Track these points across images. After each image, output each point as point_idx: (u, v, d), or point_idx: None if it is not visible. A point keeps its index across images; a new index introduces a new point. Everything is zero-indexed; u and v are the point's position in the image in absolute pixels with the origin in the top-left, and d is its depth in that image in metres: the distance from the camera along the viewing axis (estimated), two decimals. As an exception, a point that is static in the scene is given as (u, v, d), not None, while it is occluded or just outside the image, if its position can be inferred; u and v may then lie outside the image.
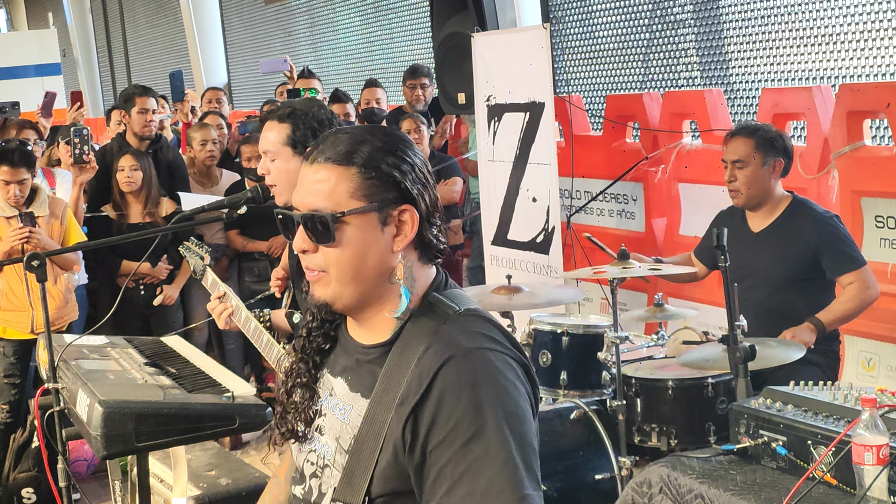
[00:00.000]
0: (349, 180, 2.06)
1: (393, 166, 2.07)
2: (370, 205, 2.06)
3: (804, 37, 6.50)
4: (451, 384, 1.98)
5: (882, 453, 2.80)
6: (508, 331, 2.13)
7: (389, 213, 2.08)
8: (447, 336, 2.04)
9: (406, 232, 2.09)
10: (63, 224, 6.20)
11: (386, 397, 2.06)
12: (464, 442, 1.95)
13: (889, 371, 5.39)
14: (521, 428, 1.98)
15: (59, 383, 3.57)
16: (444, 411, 1.97)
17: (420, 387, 2.00)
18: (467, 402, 1.96)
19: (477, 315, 2.11)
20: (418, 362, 2.03)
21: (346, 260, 2.08)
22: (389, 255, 2.09)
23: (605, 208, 7.28)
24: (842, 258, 4.74)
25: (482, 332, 2.06)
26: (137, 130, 7.24)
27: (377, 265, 2.09)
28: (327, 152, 2.08)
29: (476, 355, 2.00)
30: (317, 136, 3.67)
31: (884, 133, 5.74)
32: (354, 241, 2.07)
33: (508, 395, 1.99)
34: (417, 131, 7.64)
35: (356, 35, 12.79)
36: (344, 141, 2.09)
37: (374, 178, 2.06)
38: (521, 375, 2.05)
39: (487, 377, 1.99)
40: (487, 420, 1.95)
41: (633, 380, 4.56)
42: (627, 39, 7.95)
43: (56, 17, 21.79)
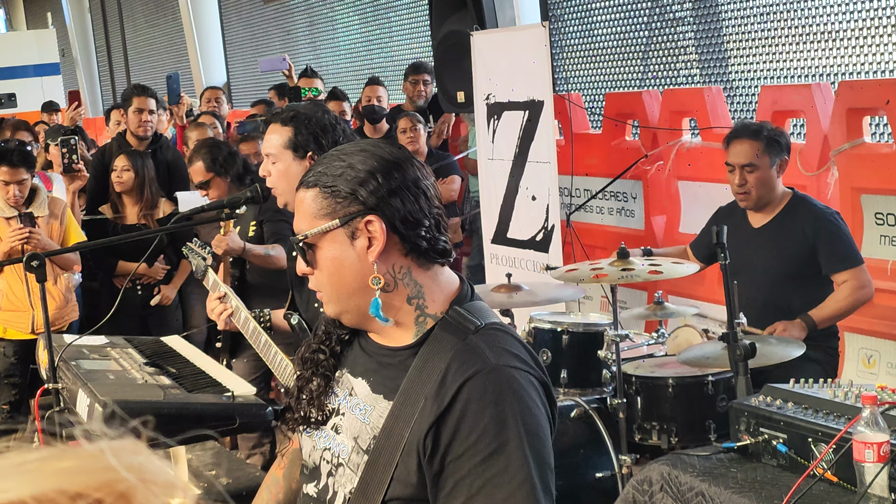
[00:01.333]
0: (313, 202, 2.11)
1: (352, 180, 2.08)
2: (332, 222, 2.10)
3: (803, 34, 6.49)
4: (476, 398, 1.99)
5: (882, 450, 2.80)
6: (531, 350, 2.15)
7: (356, 227, 2.09)
8: (473, 349, 2.05)
9: (376, 242, 2.09)
10: (63, 224, 6.21)
11: (405, 410, 2.07)
12: (484, 457, 1.96)
13: (889, 368, 5.39)
14: (541, 447, 2.00)
15: (59, 383, 3.57)
16: (467, 424, 1.98)
17: (444, 398, 2.01)
18: (490, 418, 1.97)
19: (502, 330, 2.12)
20: (442, 376, 2.04)
21: (326, 280, 2.14)
22: (368, 266, 2.10)
23: (605, 206, 7.28)
24: (838, 255, 4.74)
25: (508, 349, 2.07)
26: (133, 130, 7.25)
27: (357, 279, 2.11)
28: (306, 177, 2.15)
29: (502, 372, 2.01)
30: (319, 142, 3.68)
31: (883, 130, 5.74)
32: (326, 261, 2.12)
33: (531, 413, 2.01)
34: (413, 130, 7.65)
35: (355, 34, 12.79)
36: (322, 163, 2.15)
37: (332, 196, 2.09)
38: (542, 395, 2.06)
39: (512, 394, 2.00)
40: (510, 437, 1.96)
41: (633, 378, 4.56)
42: (627, 37, 7.95)
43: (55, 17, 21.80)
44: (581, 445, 4.57)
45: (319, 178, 2.11)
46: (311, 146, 3.67)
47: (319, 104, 3.98)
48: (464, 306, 2.15)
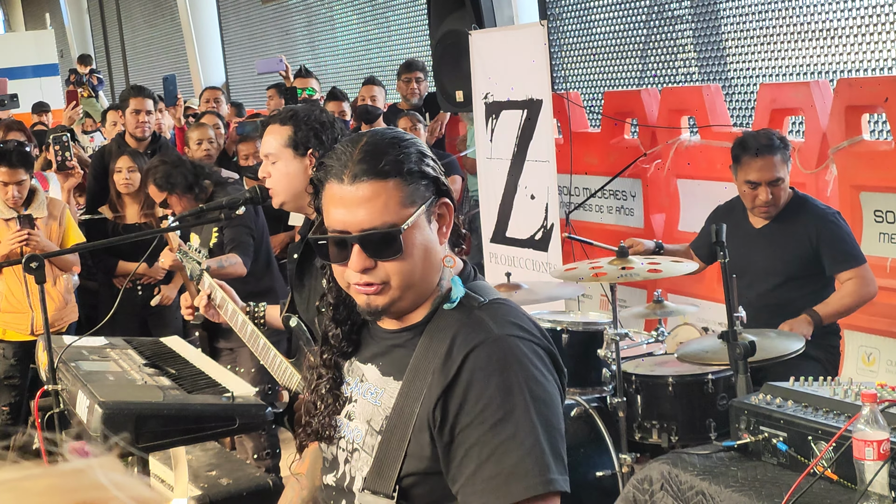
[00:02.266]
0: (397, 190, 2.07)
1: (424, 164, 2.11)
2: (421, 208, 2.09)
3: (802, 32, 6.49)
4: (481, 367, 2.01)
5: (883, 448, 2.80)
6: (536, 322, 2.16)
7: (433, 210, 2.12)
8: (477, 322, 2.08)
9: (447, 224, 2.15)
10: (62, 225, 6.20)
11: (414, 387, 2.09)
12: (492, 424, 1.98)
13: (889, 366, 5.39)
14: (549, 413, 2.02)
15: (59, 385, 3.57)
16: (473, 393, 2.01)
17: (450, 369, 2.04)
18: (496, 386, 1.99)
19: (506, 304, 2.16)
20: (448, 348, 2.06)
21: (411, 267, 2.10)
22: (438, 248, 2.14)
23: (604, 205, 7.28)
24: (841, 255, 4.74)
25: (512, 319, 2.10)
26: (131, 131, 7.25)
27: (434, 262, 2.13)
28: (363, 170, 2.07)
29: (506, 341, 2.04)
30: (319, 139, 3.67)
31: (882, 127, 5.74)
32: (418, 246, 2.09)
33: (537, 381, 2.03)
34: (414, 129, 7.65)
35: (354, 34, 12.79)
36: (371, 154, 2.08)
37: (414, 182, 2.08)
38: (549, 364, 2.09)
39: (517, 362, 2.02)
40: (516, 404, 1.99)
41: (633, 377, 4.56)
42: (625, 36, 7.94)
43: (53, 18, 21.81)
44: (581, 444, 4.57)
45: (398, 165, 2.07)
46: (311, 142, 3.66)
47: (315, 104, 3.98)
48: (468, 285, 2.18)
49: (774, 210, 4.86)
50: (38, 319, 6.11)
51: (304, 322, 3.68)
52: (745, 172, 4.83)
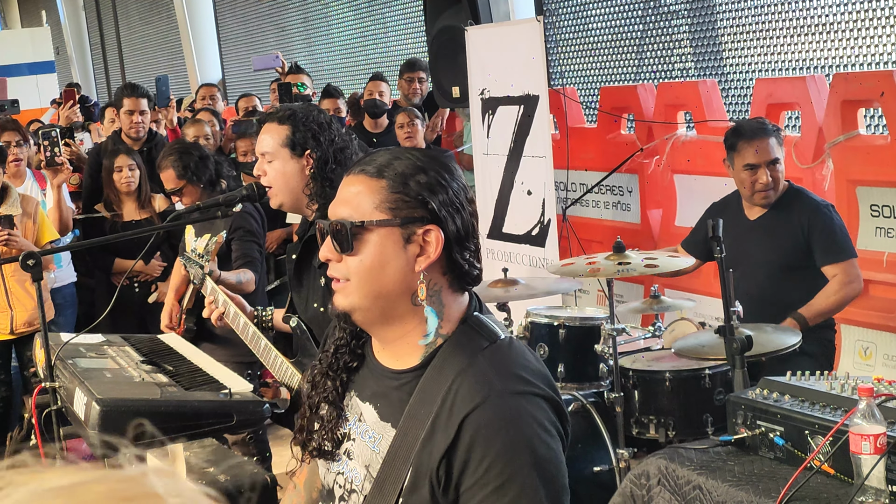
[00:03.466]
0: (377, 192, 2.05)
1: (424, 185, 2.05)
2: (393, 219, 2.04)
3: (797, 26, 6.49)
4: (484, 427, 1.97)
5: (879, 442, 2.81)
6: (541, 365, 2.13)
7: (413, 231, 2.05)
8: (479, 374, 2.03)
9: (430, 252, 2.06)
10: (35, 223, 6.15)
11: (411, 431, 2.05)
12: (496, 486, 1.95)
13: (886, 360, 5.40)
14: (553, 472, 2.01)
15: (57, 382, 3.57)
16: (477, 454, 1.97)
17: (451, 426, 1.99)
18: (500, 447, 1.96)
19: (510, 349, 2.09)
20: (447, 395, 2.02)
21: (365, 269, 2.06)
22: (411, 273, 2.07)
23: (601, 200, 7.28)
24: (829, 247, 4.75)
25: (515, 371, 2.05)
26: (125, 131, 7.25)
27: (397, 281, 2.07)
28: (364, 166, 2.09)
29: (509, 399, 2.00)
30: (317, 139, 3.68)
31: (878, 122, 5.74)
32: (373, 251, 2.05)
33: (541, 440, 2.00)
34: (411, 125, 7.66)
35: (350, 30, 12.78)
36: (383, 155, 2.09)
37: (400, 194, 2.04)
38: (553, 415, 2.05)
39: (520, 422, 1.99)
40: (520, 465, 1.96)
41: (630, 372, 4.56)
42: (621, 31, 7.94)
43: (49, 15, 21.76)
44: (578, 440, 4.57)
45: (387, 170, 2.06)
46: (309, 143, 3.66)
47: (313, 105, 3.98)
48: (470, 324, 2.12)
49: (774, 195, 4.87)
50: (17, 318, 6.11)
51: (304, 322, 3.69)
52: (743, 157, 4.85)
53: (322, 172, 3.67)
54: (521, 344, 2.15)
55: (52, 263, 6.42)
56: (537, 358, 2.14)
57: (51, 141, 6.34)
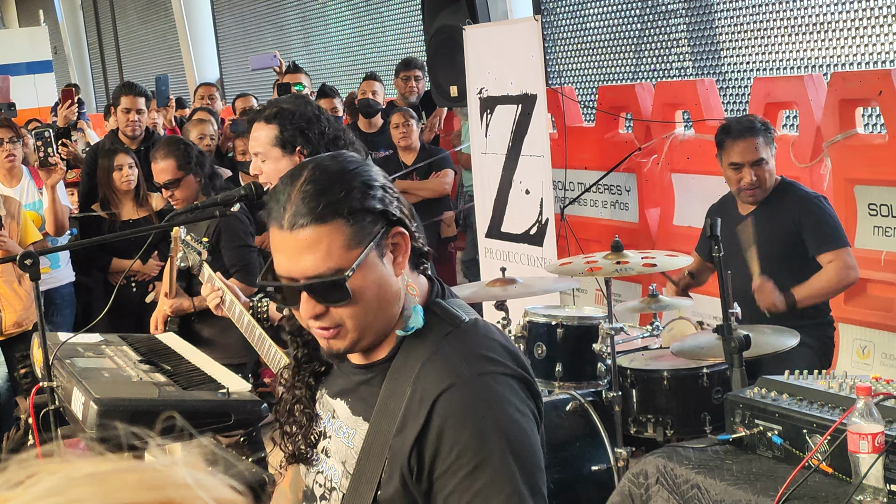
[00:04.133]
0: (339, 234, 1.95)
1: (369, 198, 1.98)
2: (368, 247, 1.97)
3: (795, 25, 6.49)
4: (453, 413, 1.95)
5: (877, 441, 2.81)
6: (509, 343, 2.09)
7: (385, 244, 2.00)
8: (446, 359, 2.00)
9: (402, 254, 2.03)
10: (19, 224, 6.12)
11: (383, 424, 2.03)
12: (468, 471, 1.93)
13: (884, 359, 5.40)
14: (527, 454, 1.97)
15: (54, 381, 3.57)
16: (447, 440, 1.94)
17: (420, 414, 1.97)
18: (471, 432, 1.93)
19: (475, 331, 2.07)
20: (415, 384, 1.99)
21: (362, 309, 2.00)
22: (396, 282, 2.03)
23: (599, 199, 7.28)
24: (822, 236, 4.76)
25: (482, 352, 2.02)
26: (122, 128, 7.24)
27: (390, 298, 2.02)
28: (300, 215, 1.95)
29: (477, 382, 1.97)
30: (305, 136, 3.68)
31: (876, 121, 5.74)
32: (367, 288, 1.98)
33: (512, 420, 1.96)
34: (406, 125, 7.66)
35: (348, 29, 12.78)
36: (309, 196, 1.95)
37: (358, 222, 1.96)
38: (523, 393, 2.02)
39: (490, 404, 1.96)
40: (493, 449, 1.93)
41: (628, 371, 4.56)
42: (619, 30, 7.94)
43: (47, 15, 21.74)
44: (577, 439, 4.57)
45: (337, 206, 1.94)
46: (298, 141, 3.68)
47: (302, 97, 3.97)
48: (433, 310, 2.09)
49: (761, 193, 4.89)
50: (6, 319, 6.09)
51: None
52: (728, 155, 4.91)
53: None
54: (487, 323, 2.11)
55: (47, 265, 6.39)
56: (506, 336, 2.11)
57: (44, 141, 6.31)
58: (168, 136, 6.38)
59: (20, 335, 6.11)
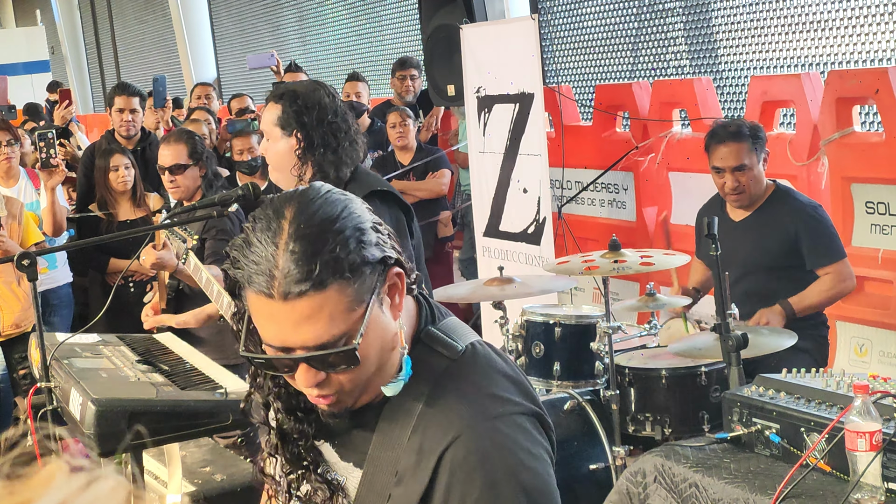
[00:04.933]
0: (341, 295, 1.70)
1: (365, 246, 1.73)
2: (371, 300, 1.74)
3: (792, 24, 6.50)
4: (460, 465, 1.76)
5: (875, 439, 2.81)
6: (513, 370, 1.92)
7: (384, 290, 1.78)
8: (446, 406, 1.81)
9: (400, 294, 1.81)
10: (21, 224, 6.11)
11: (378, 475, 1.85)
12: None
13: (881, 356, 5.40)
14: (542, 498, 1.81)
15: (52, 382, 3.56)
16: (456, 495, 1.76)
17: (426, 469, 1.79)
18: (481, 485, 1.75)
19: (475, 362, 1.88)
20: (415, 431, 1.81)
21: (366, 369, 1.78)
22: (394, 327, 1.81)
23: (596, 198, 7.28)
24: (820, 250, 4.75)
25: (487, 391, 1.83)
26: (116, 128, 7.24)
27: (389, 346, 1.82)
28: (294, 283, 1.67)
29: (483, 428, 1.78)
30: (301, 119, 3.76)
31: (873, 119, 5.75)
32: (372, 346, 1.77)
33: (524, 466, 1.79)
34: (403, 125, 7.67)
35: (345, 28, 12.78)
36: (300, 257, 1.68)
37: (356, 278, 1.71)
38: (535, 431, 1.85)
39: (501, 452, 1.78)
40: (506, 498, 1.76)
41: (626, 369, 4.56)
42: (616, 29, 7.95)
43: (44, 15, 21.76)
44: (575, 437, 4.57)
45: (332, 268, 1.68)
46: (293, 124, 3.74)
47: (315, 82, 3.98)
48: (424, 341, 1.89)
49: (746, 199, 4.88)
50: (4, 320, 6.08)
51: None
52: (712, 159, 4.93)
53: (308, 154, 3.75)
54: (487, 350, 1.92)
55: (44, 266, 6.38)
56: (509, 362, 1.93)
57: (46, 142, 6.31)
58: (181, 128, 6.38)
59: (19, 336, 6.10)
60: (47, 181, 6.38)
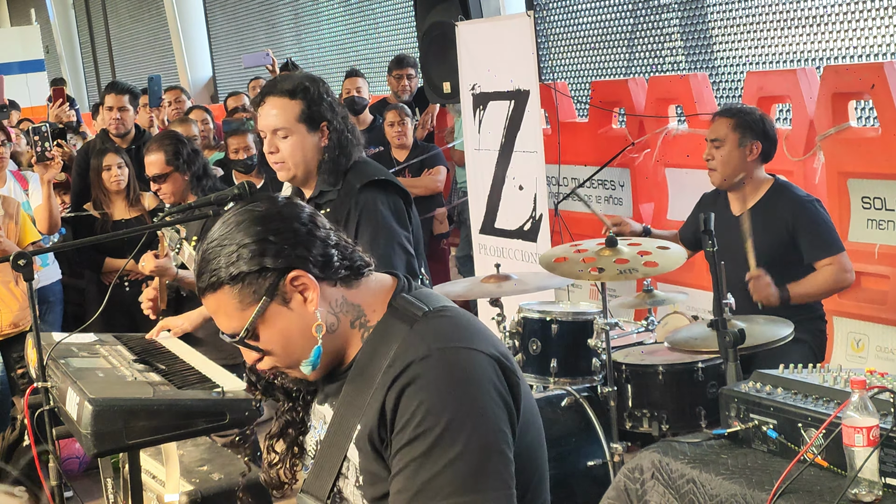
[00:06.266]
0: (230, 298, 2.09)
1: (247, 259, 2.08)
2: (262, 304, 2.09)
3: (788, 19, 6.50)
4: (408, 386, 2.00)
5: (872, 434, 2.81)
6: (479, 325, 2.15)
7: (283, 291, 2.09)
8: (412, 339, 2.06)
9: (310, 292, 2.10)
10: (17, 223, 6.10)
11: (346, 418, 2.12)
12: (408, 440, 1.97)
13: (878, 351, 5.40)
14: (479, 428, 1.98)
15: (49, 382, 3.56)
16: (399, 411, 2.00)
17: (384, 389, 2.03)
18: (417, 403, 1.98)
19: (444, 314, 2.14)
20: (387, 367, 2.06)
21: (280, 355, 2.14)
22: (311, 316, 2.11)
23: (593, 195, 7.28)
24: (818, 243, 4.73)
25: (448, 332, 2.08)
26: (108, 127, 7.23)
27: (305, 335, 2.12)
28: (199, 284, 2.13)
29: (437, 356, 2.02)
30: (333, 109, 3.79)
31: (869, 114, 5.75)
32: (275, 338, 2.12)
33: (465, 394, 1.99)
34: (402, 123, 7.66)
35: (340, 26, 12.77)
36: (199, 267, 2.12)
37: (244, 282, 2.08)
38: (490, 370, 2.04)
39: (442, 377, 2.00)
40: (435, 421, 1.96)
41: (623, 366, 4.56)
42: (612, 25, 7.95)
43: (38, 14, 21.75)
44: (572, 434, 4.57)
45: (219, 275, 2.08)
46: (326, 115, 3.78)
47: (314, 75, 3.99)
48: (400, 299, 2.17)
49: (717, 177, 4.91)
50: (2, 320, 6.07)
51: None
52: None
53: (338, 144, 3.74)
54: (458, 310, 2.17)
55: (38, 263, 6.36)
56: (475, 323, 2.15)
57: (41, 136, 6.30)
58: (165, 130, 6.37)
59: (17, 336, 6.09)
60: (43, 175, 6.35)
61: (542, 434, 2.20)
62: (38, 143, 6.27)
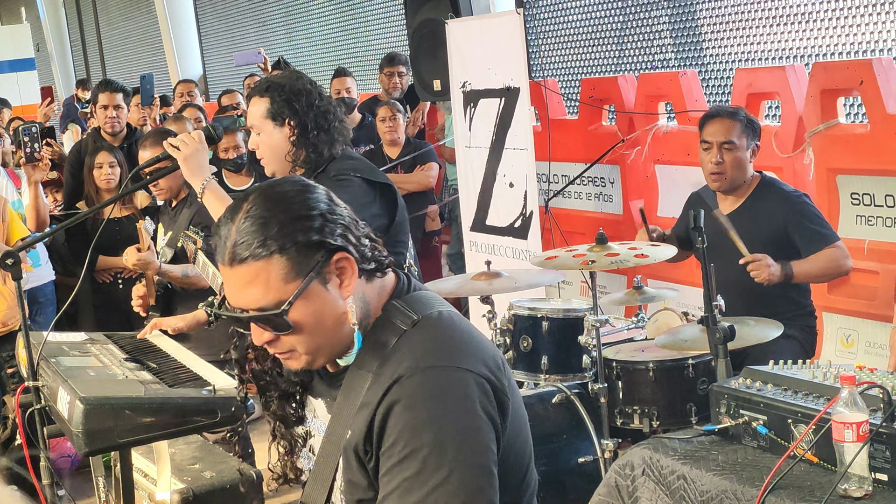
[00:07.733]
0: (276, 268, 2.01)
1: (306, 231, 2.02)
2: (307, 279, 2.02)
3: (777, 16, 6.51)
4: (396, 404, 1.99)
5: (862, 430, 2.82)
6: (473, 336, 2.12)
7: (328, 271, 2.05)
8: (400, 353, 2.05)
9: (349, 277, 2.07)
10: (4, 221, 6.08)
11: (338, 428, 2.11)
12: (398, 460, 1.96)
13: (868, 347, 5.42)
14: (463, 452, 1.97)
15: (40, 381, 3.56)
16: (387, 430, 1.99)
17: (372, 402, 2.02)
18: (405, 423, 1.97)
19: (434, 324, 2.11)
20: (374, 379, 2.05)
21: (309, 335, 2.07)
22: (342, 303, 2.08)
23: (583, 192, 7.29)
24: (815, 237, 4.74)
25: (436, 348, 2.05)
26: (101, 125, 7.22)
27: (336, 320, 2.08)
28: (238, 252, 2.02)
29: (424, 375, 2.00)
30: (293, 106, 3.81)
31: (857, 110, 5.76)
32: (309, 317, 2.05)
33: (452, 414, 1.98)
34: (393, 119, 7.67)
35: (330, 24, 12.77)
36: (246, 233, 2.01)
37: (296, 254, 2.01)
38: (477, 390, 2.02)
39: (431, 397, 1.98)
40: (425, 442, 1.95)
41: (613, 362, 4.57)
42: (601, 23, 7.96)
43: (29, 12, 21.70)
44: (563, 431, 4.58)
45: (270, 243, 2.00)
46: (286, 112, 3.78)
47: (296, 72, 4.06)
48: (396, 302, 2.15)
49: (725, 182, 4.84)
50: None
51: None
52: (703, 134, 4.90)
53: (303, 139, 3.80)
54: (452, 316, 2.14)
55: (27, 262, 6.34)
56: (470, 333, 2.13)
57: (31, 137, 6.28)
58: (160, 127, 6.36)
59: (7, 335, 6.08)
60: (31, 175, 6.35)
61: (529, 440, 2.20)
62: (27, 144, 6.26)
